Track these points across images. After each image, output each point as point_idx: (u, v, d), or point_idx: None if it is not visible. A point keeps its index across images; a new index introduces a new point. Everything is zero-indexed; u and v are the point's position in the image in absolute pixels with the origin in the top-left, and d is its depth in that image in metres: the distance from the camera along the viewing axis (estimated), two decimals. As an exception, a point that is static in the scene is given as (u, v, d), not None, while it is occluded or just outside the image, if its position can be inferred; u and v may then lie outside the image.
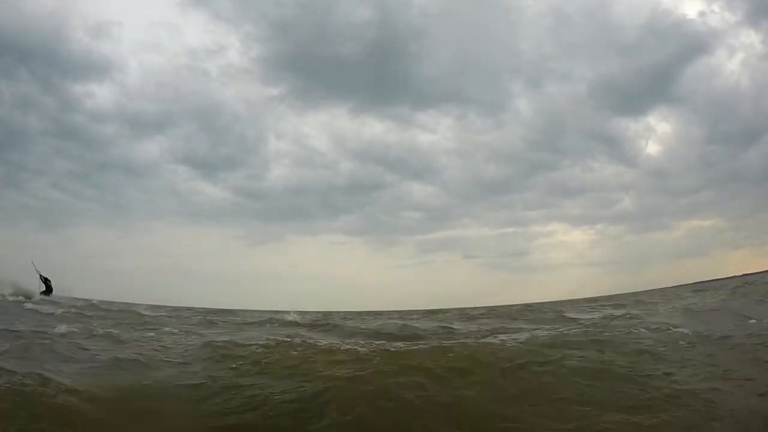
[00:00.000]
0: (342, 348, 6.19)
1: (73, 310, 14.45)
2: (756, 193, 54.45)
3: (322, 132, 71.38)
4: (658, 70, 56.26)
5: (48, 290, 22.76)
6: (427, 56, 61.02)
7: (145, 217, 59.53)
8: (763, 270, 31.59)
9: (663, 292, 25.72)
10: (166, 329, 9.84)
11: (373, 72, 59.53)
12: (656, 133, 63.19)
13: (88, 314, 13.95)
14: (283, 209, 62.63)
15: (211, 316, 16.09)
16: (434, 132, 63.98)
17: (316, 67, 63.57)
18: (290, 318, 14.27)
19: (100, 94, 67.91)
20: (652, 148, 62.85)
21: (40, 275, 22.82)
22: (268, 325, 12.64)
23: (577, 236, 64.71)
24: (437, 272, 59.34)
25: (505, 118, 61.95)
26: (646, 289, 30.40)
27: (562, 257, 62.29)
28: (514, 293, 58.02)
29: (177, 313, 18.28)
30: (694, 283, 31.97)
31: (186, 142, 59.77)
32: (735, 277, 31.26)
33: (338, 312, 21.63)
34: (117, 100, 57.89)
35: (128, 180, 61.40)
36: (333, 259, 62.38)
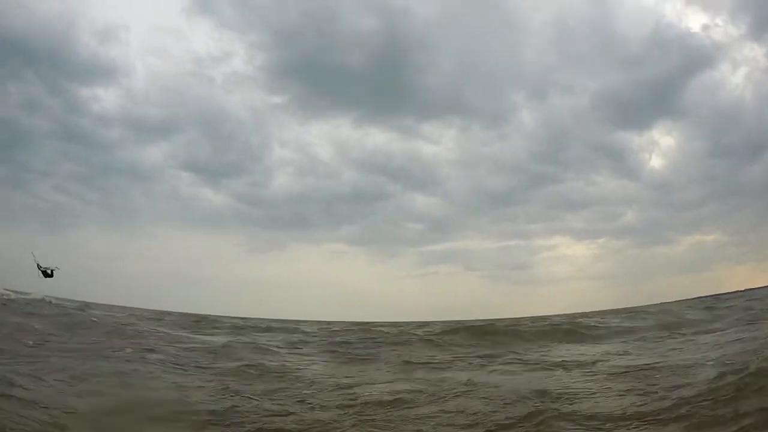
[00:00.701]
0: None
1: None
2: (759, 207, 54.68)
3: (325, 141, 71.77)
4: (661, 83, 56.75)
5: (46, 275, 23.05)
6: (431, 66, 61.64)
7: (147, 221, 59.60)
8: (765, 285, 31.79)
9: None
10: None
11: (377, 82, 60.02)
12: (660, 147, 63.60)
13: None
14: (285, 217, 62.79)
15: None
16: (437, 143, 64.45)
17: (320, 75, 64.19)
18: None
19: (106, 98, 68.27)
20: (656, 162, 63.16)
21: (38, 265, 23.20)
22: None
23: (580, 250, 64.77)
24: (439, 284, 59.35)
25: (508, 129, 62.47)
26: (649, 303, 30.56)
27: (565, 271, 62.29)
28: (517, 306, 58.33)
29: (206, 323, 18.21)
30: (695, 299, 32.17)
31: (189, 148, 60.05)
32: (738, 292, 31.48)
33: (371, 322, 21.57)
34: (123, 104, 58.22)
35: (131, 184, 61.59)
36: (334, 268, 62.39)
